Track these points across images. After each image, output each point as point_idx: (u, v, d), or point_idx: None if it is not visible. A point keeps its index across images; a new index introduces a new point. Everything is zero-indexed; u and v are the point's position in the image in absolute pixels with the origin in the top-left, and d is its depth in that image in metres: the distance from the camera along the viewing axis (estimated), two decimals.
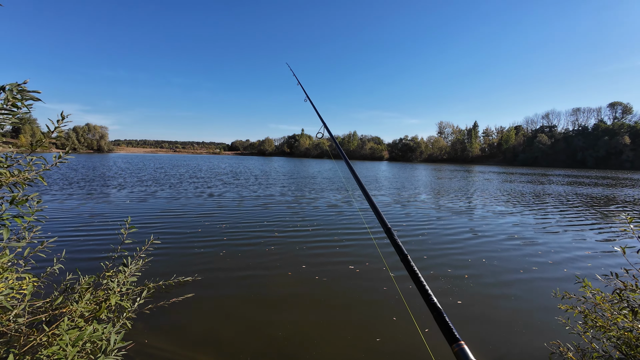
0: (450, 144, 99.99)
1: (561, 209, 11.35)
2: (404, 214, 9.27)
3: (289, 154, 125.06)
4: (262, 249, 5.54)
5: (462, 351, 0.61)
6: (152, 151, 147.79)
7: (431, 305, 0.75)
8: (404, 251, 0.92)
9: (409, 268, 0.86)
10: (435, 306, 0.74)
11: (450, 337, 0.65)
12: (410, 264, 0.87)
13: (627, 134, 72.85)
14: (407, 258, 0.89)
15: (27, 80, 1.33)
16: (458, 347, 0.62)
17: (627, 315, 2.06)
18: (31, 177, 1.66)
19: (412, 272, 0.84)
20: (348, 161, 1.62)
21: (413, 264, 0.87)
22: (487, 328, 3.26)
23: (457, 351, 0.62)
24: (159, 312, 3.23)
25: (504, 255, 5.64)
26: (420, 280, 0.81)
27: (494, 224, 8.34)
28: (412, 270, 0.85)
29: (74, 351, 1.37)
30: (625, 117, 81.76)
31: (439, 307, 0.73)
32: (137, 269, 2.09)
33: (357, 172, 1.47)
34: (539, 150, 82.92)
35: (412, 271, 0.85)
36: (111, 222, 7.21)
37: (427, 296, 0.77)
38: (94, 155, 60.89)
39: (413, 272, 0.84)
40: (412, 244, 6.14)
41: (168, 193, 12.28)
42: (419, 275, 0.83)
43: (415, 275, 0.83)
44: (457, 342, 0.64)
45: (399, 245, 0.95)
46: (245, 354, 2.73)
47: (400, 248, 0.94)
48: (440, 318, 0.71)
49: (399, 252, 0.93)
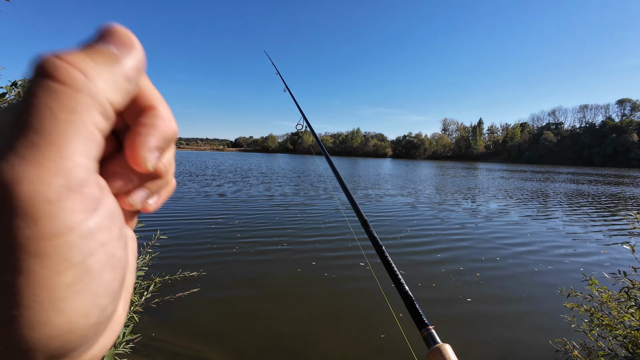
0: (455, 141, 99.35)
1: (569, 208, 11.24)
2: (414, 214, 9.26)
3: (292, 150, 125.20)
4: (274, 246, 5.57)
5: (430, 335, 0.65)
6: None
7: (403, 293, 0.79)
8: (379, 242, 0.97)
9: (384, 259, 0.91)
10: (407, 294, 0.78)
11: (420, 323, 0.69)
12: (384, 255, 0.91)
13: (636, 132, 71.74)
14: (381, 249, 0.94)
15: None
16: (427, 331, 0.66)
17: (634, 313, 2.04)
18: None
19: (387, 263, 0.89)
20: (328, 156, 1.64)
21: (387, 254, 0.91)
22: (492, 325, 3.25)
23: (426, 335, 0.65)
24: (166, 306, 3.28)
25: (505, 253, 5.62)
26: (394, 270, 0.85)
27: (497, 221, 8.30)
28: (387, 260, 0.89)
29: None
30: (634, 114, 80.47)
31: (410, 294, 0.78)
32: (144, 263, 2.12)
33: (337, 167, 1.49)
34: (544, 148, 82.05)
35: (387, 262, 0.89)
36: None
37: (399, 285, 0.81)
38: None
39: (387, 263, 0.89)
40: (424, 243, 6.15)
41: (177, 189, 12.35)
42: (392, 265, 0.87)
43: (389, 265, 0.88)
44: (426, 327, 0.67)
45: (375, 237, 1.00)
46: (250, 348, 2.76)
47: (376, 240, 0.98)
48: (411, 305, 0.74)
49: (375, 243, 0.98)
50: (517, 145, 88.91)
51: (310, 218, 7.92)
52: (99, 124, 0.15)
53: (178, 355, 2.62)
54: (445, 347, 0.61)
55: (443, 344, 0.62)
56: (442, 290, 4.01)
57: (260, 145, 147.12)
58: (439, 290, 4.02)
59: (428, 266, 4.86)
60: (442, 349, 0.61)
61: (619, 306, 2.18)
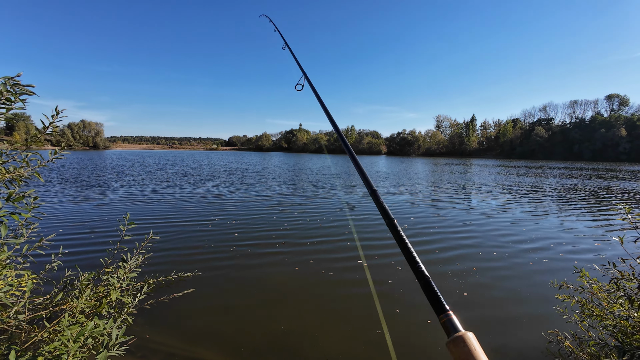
0: (448, 138, 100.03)
1: (561, 201, 11.43)
2: (412, 207, 9.30)
3: (287, 149, 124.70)
4: (271, 245, 5.55)
5: (449, 322, 0.59)
6: (149, 147, 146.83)
7: (419, 273, 0.69)
8: (390, 215, 0.87)
9: (396, 233, 0.81)
10: (422, 274, 0.69)
11: (439, 307, 0.62)
12: (397, 229, 0.81)
13: (624, 126, 73.15)
14: (393, 222, 0.84)
15: (20, 74, 1.30)
16: (446, 317, 0.60)
17: (623, 303, 2.08)
18: (27, 173, 1.63)
19: (399, 238, 0.79)
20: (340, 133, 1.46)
21: (400, 229, 0.81)
22: (486, 318, 3.30)
23: (446, 321, 0.60)
24: (160, 307, 3.24)
25: (501, 247, 5.69)
26: (407, 246, 0.76)
27: (496, 217, 8.40)
28: (399, 235, 0.79)
29: (76, 347, 1.37)
30: (622, 109, 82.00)
31: (426, 275, 0.68)
32: (137, 264, 2.09)
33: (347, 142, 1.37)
34: (536, 143, 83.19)
35: (399, 237, 0.79)
36: (110, 219, 7.18)
37: (414, 263, 0.72)
38: (90, 152, 60.38)
39: (400, 237, 0.79)
40: (423, 235, 6.18)
41: (172, 191, 12.24)
42: (406, 241, 0.77)
43: (402, 240, 0.78)
44: (445, 312, 0.61)
45: (385, 210, 0.89)
46: (246, 348, 2.75)
47: (387, 212, 0.88)
48: (427, 287, 0.66)
49: (385, 216, 0.87)
50: (510, 141, 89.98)
51: (308, 217, 7.91)
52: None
53: (173, 356, 2.60)
54: (468, 336, 0.54)
55: (466, 332, 0.55)
56: (438, 284, 4.04)
57: (254, 144, 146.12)
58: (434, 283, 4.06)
59: (426, 263, 4.89)
60: (465, 338, 0.54)
61: (608, 297, 2.23)
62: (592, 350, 2.13)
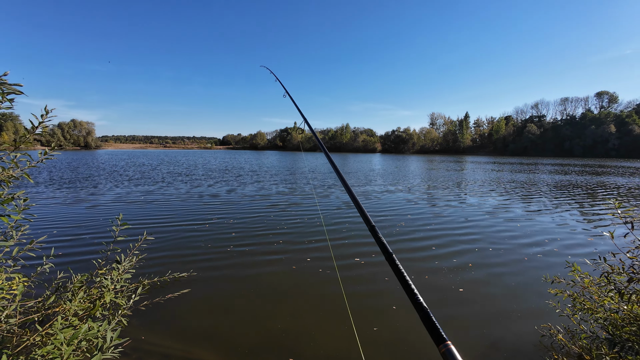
0: (442, 135, 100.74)
1: (555, 197, 11.61)
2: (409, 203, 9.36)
3: (282, 147, 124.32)
4: (269, 244, 5.54)
5: (449, 352, 0.62)
6: (142, 147, 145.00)
7: (417, 305, 0.73)
8: (388, 250, 0.90)
9: (395, 267, 0.84)
10: (421, 306, 0.72)
11: (437, 338, 0.65)
12: (395, 263, 0.85)
13: (613, 123, 74.52)
14: (392, 257, 0.87)
15: (7, 72, 1.27)
16: (445, 347, 0.63)
17: (613, 297, 2.13)
18: (16, 174, 1.60)
19: (398, 272, 0.82)
20: (329, 155, 1.58)
21: (398, 263, 0.84)
22: (481, 313, 3.34)
23: (445, 352, 0.62)
24: (155, 308, 3.22)
25: (497, 243, 5.77)
26: (405, 279, 0.79)
27: (489, 213, 8.50)
28: (398, 269, 0.83)
29: (70, 350, 1.35)
30: (612, 106, 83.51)
31: (425, 307, 0.71)
32: (131, 266, 2.06)
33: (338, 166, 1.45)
34: (528, 140, 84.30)
35: (398, 270, 0.82)
36: (103, 221, 7.09)
37: (412, 295, 0.75)
38: (81, 152, 59.40)
39: (398, 271, 0.82)
40: (420, 232, 6.23)
41: (166, 191, 12.12)
42: (404, 274, 0.80)
43: (400, 274, 0.81)
44: (444, 342, 0.63)
45: (384, 244, 0.93)
46: (242, 347, 2.75)
47: (385, 247, 0.92)
48: (426, 318, 0.69)
49: (384, 250, 0.91)
50: (502, 138, 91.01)
51: (306, 216, 7.91)
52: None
53: (169, 357, 2.58)
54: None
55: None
56: (434, 281, 4.09)
57: (248, 143, 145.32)
58: (430, 280, 4.10)
59: (423, 259, 4.93)
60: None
61: (599, 290, 2.28)
62: (584, 343, 2.18)
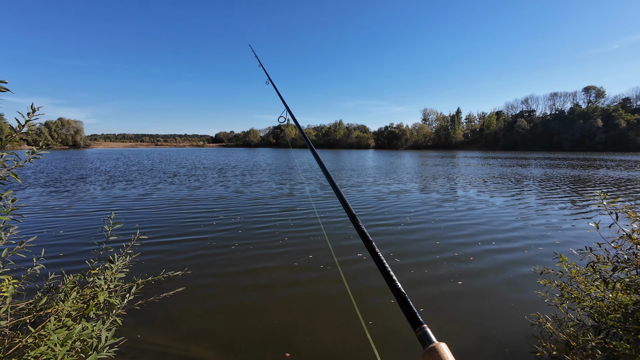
0: (435, 131, 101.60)
1: (542, 190, 11.85)
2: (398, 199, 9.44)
3: (275, 144, 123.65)
4: (274, 241, 5.53)
5: (424, 334, 0.64)
6: (132, 145, 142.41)
7: (395, 290, 0.75)
8: (368, 237, 0.93)
9: (374, 254, 0.86)
10: (399, 291, 0.74)
11: (414, 321, 0.68)
12: (374, 250, 0.88)
13: (600, 117, 76.20)
14: (371, 244, 0.90)
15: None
16: (421, 330, 0.65)
17: (599, 286, 2.21)
18: (3, 174, 1.57)
19: (377, 258, 0.85)
20: (314, 149, 1.60)
21: (377, 250, 0.87)
22: (473, 304, 3.41)
23: (421, 334, 0.65)
24: (150, 307, 3.20)
25: (489, 235, 5.88)
26: (384, 266, 0.82)
27: (479, 206, 8.64)
28: (377, 256, 0.85)
29: (64, 350, 1.34)
30: (599, 101, 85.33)
31: (402, 292, 0.74)
32: (125, 265, 2.04)
33: (322, 160, 1.46)
34: (518, 135, 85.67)
35: (377, 257, 0.85)
36: (95, 219, 6.97)
37: (391, 282, 0.77)
38: (70, 152, 58.08)
39: (378, 258, 0.85)
40: (419, 231, 6.30)
41: (161, 191, 11.96)
42: (383, 261, 0.83)
43: (379, 261, 0.84)
44: (420, 325, 0.66)
45: (364, 232, 0.96)
46: (239, 343, 2.76)
47: (365, 234, 0.95)
48: (404, 303, 0.72)
49: (364, 238, 0.94)
50: (494, 133, 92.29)
51: (304, 214, 7.92)
52: None
53: (165, 356, 2.58)
54: (441, 347, 0.60)
55: (439, 343, 0.61)
56: (434, 274, 4.15)
57: (241, 140, 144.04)
58: (430, 274, 4.16)
59: (423, 254, 5.00)
60: (438, 349, 0.59)
61: (586, 280, 2.35)
62: (571, 331, 2.25)
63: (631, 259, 1.96)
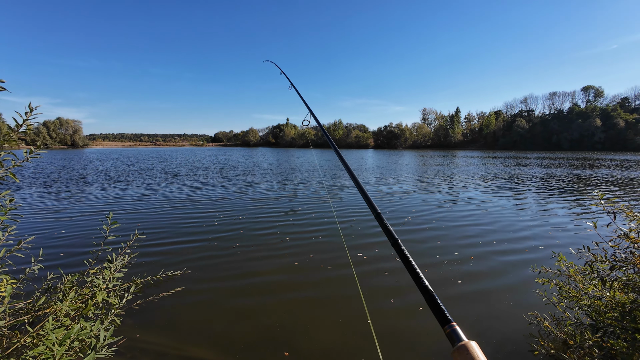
0: (434, 130, 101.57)
1: (544, 190, 11.88)
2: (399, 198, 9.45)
3: (274, 144, 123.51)
4: (276, 241, 5.53)
5: (454, 332, 0.63)
6: (131, 145, 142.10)
7: (423, 288, 0.75)
8: (394, 235, 0.92)
9: (400, 252, 0.86)
10: (427, 289, 0.74)
11: (443, 319, 0.67)
12: (401, 248, 0.87)
13: (599, 117, 76.31)
14: (397, 242, 0.89)
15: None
16: (450, 328, 0.64)
17: (597, 284, 2.21)
18: (1, 174, 1.56)
19: (403, 256, 0.85)
20: (337, 149, 1.59)
21: (404, 248, 0.87)
22: (472, 304, 3.42)
23: (450, 332, 0.63)
24: (149, 307, 3.20)
25: (490, 235, 5.89)
26: (411, 263, 0.81)
27: (481, 207, 8.65)
28: (403, 254, 0.85)
29: (62, 350, 1.34)
30: (597, 100, 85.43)
31: (430, 289, 0.73)
32: (123, 265, 2.04)
33: (346, 160, 1.46)
34: (517, 134, 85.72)
35: (403, 255, 0.85)
36: (95, 220, 6.96)
37: (418, 279, 0.77)
38: (68, 151, 57.93)
39: (404, 256, 0.85)
40: (422, 231, 6.30)
41: (159, 191, 11.95)
42: (409, 258, 0.83)
43: (406, 258, 0.83)
44: (449, 323, 0.65)
45: (389, 230, 0.95)
46: (237, 343, 2.76)
47: (391, 232, 0.94)
48: (432, 300, 0.71)
49: (390, 236, 0.93)
50: (493, 133, 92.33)
51: (307, 214, 7.92)
52: None
53: (164, 356, 2.58)
54: (471, 345, 0.57)
55: (469, 342, 0.58)
56: (434, 274, 4.16)
57: (241, 140, 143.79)
58: (430, 274, 4.16)
59: (424, 254, 5.01)
60: (468, 347, 0.57)
61: (583, 279, 2.36)
62: (569, 329, 2.26)
63: (628, 258, 1.97)
